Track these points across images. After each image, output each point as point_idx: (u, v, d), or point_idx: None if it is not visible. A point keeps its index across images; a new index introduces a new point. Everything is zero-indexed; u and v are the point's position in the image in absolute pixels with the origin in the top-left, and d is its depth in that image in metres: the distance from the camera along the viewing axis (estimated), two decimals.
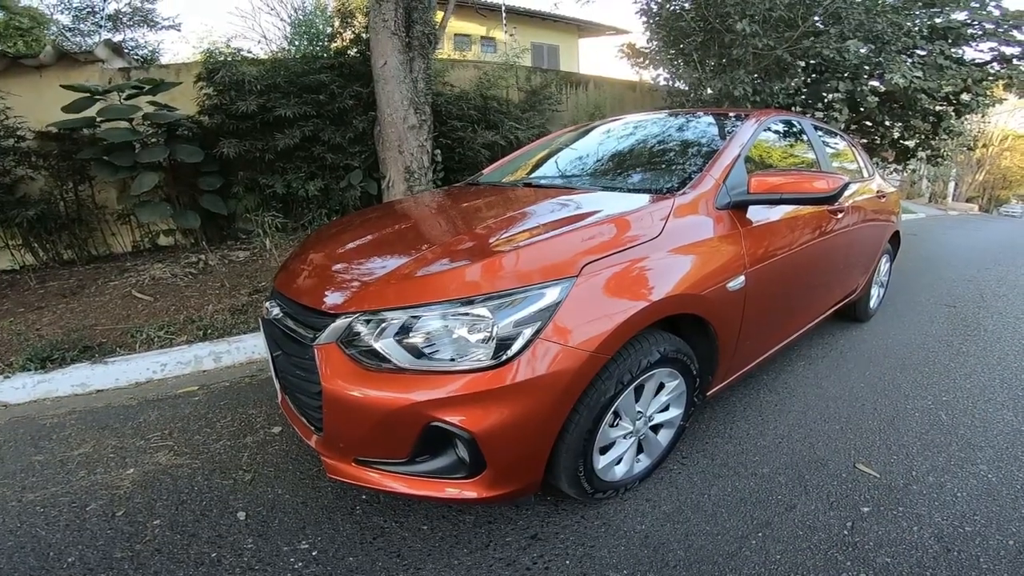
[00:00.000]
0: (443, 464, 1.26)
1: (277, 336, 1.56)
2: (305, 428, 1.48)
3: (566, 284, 1.24)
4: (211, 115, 5.02)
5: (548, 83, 7.33)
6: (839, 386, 2.41)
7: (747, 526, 1.47)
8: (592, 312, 1.26)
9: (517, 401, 1.17)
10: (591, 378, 1.27)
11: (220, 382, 2.53)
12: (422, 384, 1.18)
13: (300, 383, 1.41)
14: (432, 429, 1.19)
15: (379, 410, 1.19)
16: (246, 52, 5.65)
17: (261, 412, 2.17)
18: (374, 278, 1.36)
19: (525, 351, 1.17)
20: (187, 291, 3.62)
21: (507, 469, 1.24)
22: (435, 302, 1.21)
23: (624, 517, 1.50)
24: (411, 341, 1.21)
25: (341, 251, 1.63)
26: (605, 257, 1.33)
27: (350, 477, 1.33)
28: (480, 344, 1.18)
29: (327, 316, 1.32)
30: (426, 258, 1.38)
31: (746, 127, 2.09)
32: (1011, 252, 6.80)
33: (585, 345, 1.22)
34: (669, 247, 1.47)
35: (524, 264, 1.27)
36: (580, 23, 13.11)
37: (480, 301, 1.20)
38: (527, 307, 1.20)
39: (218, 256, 4.42)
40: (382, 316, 1.24)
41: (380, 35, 4.58)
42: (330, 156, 5.14)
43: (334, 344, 1.27)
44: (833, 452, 1.85)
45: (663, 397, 1.57)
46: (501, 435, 1.18)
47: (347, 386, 1.22)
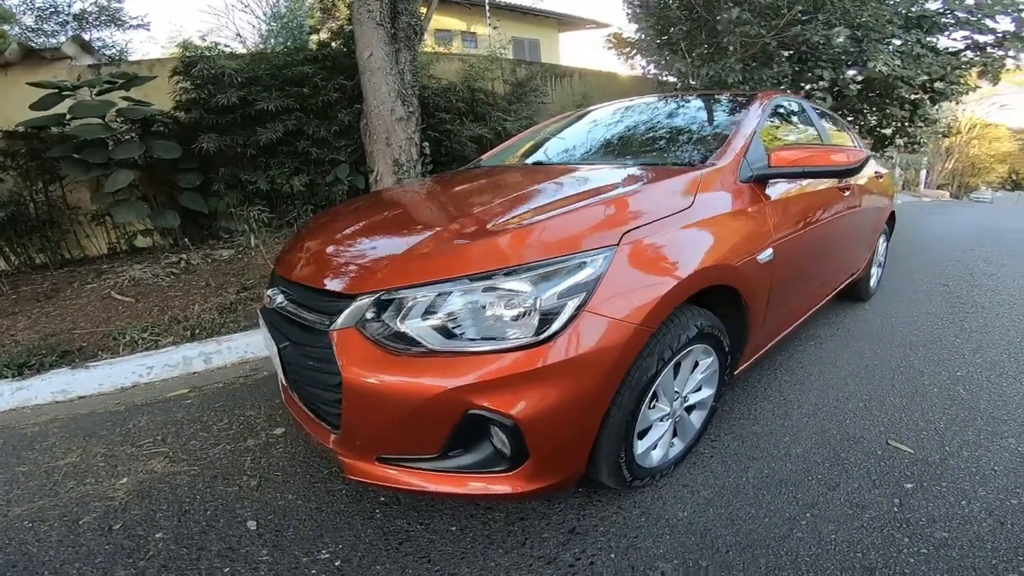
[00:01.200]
0: (479, 457, 1.15)
1: (282, 326, 1.43)
2: (317, 426, 1.36)
3: (607, 253, 1.16)
4: (188, 110, 4.80)
5: (534, 75, 7.25)
6: (853, 364, 2.38)
7: (793, 508, 1.41)
8: (635, 282, 1.17)
9: (563, 381, 1.07)
10: (636, 354, 1.18)
11: (212, 384, 2.38)
12: (457, 368, 1.07)
13: (313, 375, 1.29)
14: (469, 418, 1.09)
15: (408, 400, 1.08)
16: (223, 46, 5.44)
17: (260, 413, 2.03)
18: (396, 254, 1.25)
19: (570, 325, 1.08)
20: (170, 291, 3.43)
21: (550, 459, 1.14)
22: (469, 275, 1.11)
23: (663, 505, 1.42)
24: (442, 320, 1.10)
25: (353, 231, 1.51)
26: (643, 227, 1.25)
27: (372, 477, 1.21)
28: (521, 320, 1.08)
29: (343, 298, 1.20)
30: (452, 231, 1.27)
31: (756, 106, 2.06)
32: (990, 235, 6.97)
33: (631, 317, 1.13)
34: (701, 217, 1.40)
35: (561, 233, 1.18)
36: (560, 17, 13.06)
37: (519, 272, 1.10)
38: (570, 278, 1.11)
39: (200, 255, 4.22)
40: (408, 294, 1.13)
41: (365, 26, 4.43)
42: (315, 150, 4.98)
43: (353, 329, 1.15)
44: (862, 429, 1.81)
45: (698, 376, 1.50)
46: (546, 421, 1.08)
47: (370, 374, 1.11)
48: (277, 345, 1.41)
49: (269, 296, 1.55)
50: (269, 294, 1.56)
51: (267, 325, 1.51)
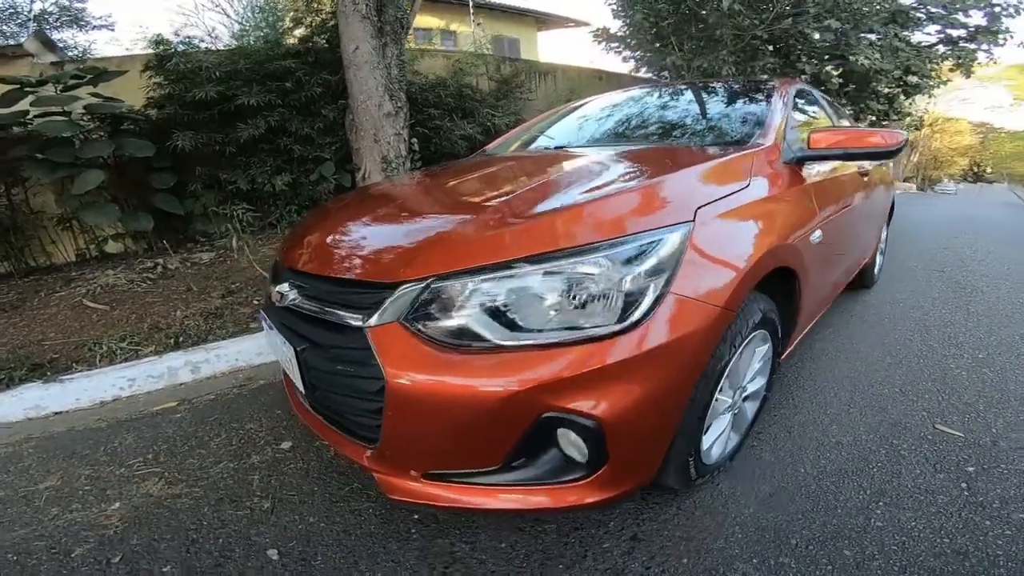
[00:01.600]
0: (548, 467, 1.01)
1: (299, 325, 1.27)
2: (345, 440, 1.20)
3: (684, 229, 1.04)
4: (162, 107, 4.53)
5: (519, 72, 7.16)
6: (877, 350, 2.34)
7: (862, 497, 1.33)
8: (715, 261, 1.06)
9: (648, 373, 0.95)
10: (718, 340, 1.07)
11: (203, 395, 2.18)
12: (528, 365, 0.92)
13: (342, 382, 1.13)
14: (542, 423, 0.95)
15: (469, 405, 0.93)
16: (199, 41, 5.17)
17: (262, 426, 1.85)
18: (447, 232, 1.10)
19: (655, 309, 0.96)
20: (148, 297, 3.18)
21: (629, 462, 1.02)
22: (537, 255, 0.97)
23: (725, 503, 1.32)
24: (507, 309, 0.96)
25: (381, 214, 1.35)
26: (712, 203, 1.15)
27: (420, 497, 1.06)
28: (601, 305, 0.95)
29: (381, 289, 1.05)
30: (511, 209, 1.13)
31: (782, 91, 2.00)
32: (967, 223, 7.21)
33: (715, 298, 1.03)
34: (759, 197, 1.31)
35: (632, 208, 1.06)
36: (539, 15, 13.00)
37: (597, 250, 0.97)
38: (652, 255, 0.99)
39: (178, 259, 3.96)
40: (464, 279, 0.98)
41: (350, 19, 4.26)
42: (298, 148, 4.75)
43: (397, 324, 1.00)
44: (905, 415, 1.75)
45: (755, 364, 1.40)
46: (629, 419, 0.95)
47: (420, 378, 0.96)
48: (295, 348, 1.22)
49: (279, 293, 1.38)
50: (279, 290, 1.38)
51: (277, 326, 1.34)
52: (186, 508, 1.41)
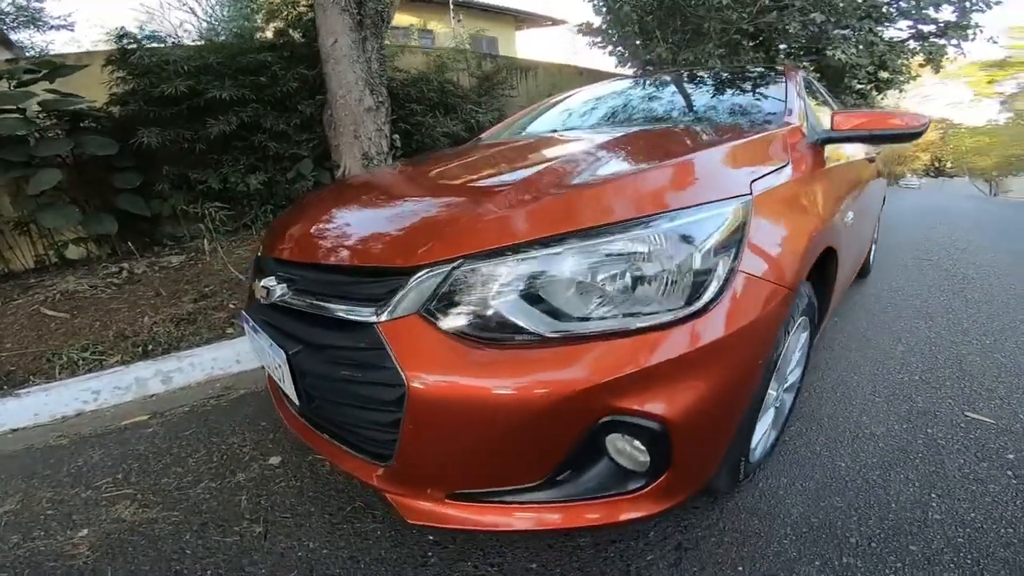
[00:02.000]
0: (597, 480, 0.88)
1: (290, 325, 1.10)
2: (350, 457, 1.04)
3: (744, 201, 0.93)
4: (125, 103, 4.24)
5: (501, 68, 7.05)
6: (886, 337, 2.29)
7: (912, 490, 1.25)
8: (775, 239, 0.96)
9: (720, 362, 0.83)
10: (784, 323, 0.96)
11: (177, 408, 1.98)
12: (587, 358, 0.79)
13: (346, 389, 0.97)
14: (599, 429, 0.82)
15: (513, 411, 0.79)
16: (167, 36, 4.88)
17: (246, 440, 1.67)
18: (480, 208, 0.95)
19: (726, 289, 0.84)
20: (112, 303, 2.94)
21: (690, 468, 0.89)
22: (593, 228, 0.83)
23: (770, 503, 1.21)
24: (556, 292, 0.82)
25: (390, 195, 1.20)
26: (763, 178, 1.04)
27: (445, 521, 0.92)
28: (667, 284, 0.82)
29: (397, 275, 0.89)
30: (548, 181, 0.99)
31: (791, 76, 1.92)
32: (940, 215, 7.40)
33: (781, 278, 0.92)
34: (799, 175, 1.21)
35: (691, 178, 0.94)
36: (518, 14, 12.91)
37: (661, 221, 0.84)
38: (718, 229, 0.87)
39: (145, 263, 3.69)
40: (498, 261, 0.83)
41: (329, 12, 4.08)
42: (273, 145, 4.52)
43: (416, 317, 0.85)
44: (932, 403, 1.69)
45: (797, 352, 1.30)
46: (698, 418, 0.83)
47: (450, 380, 0.81)
48: (285, 352, 1.06)
49: (264, 288, 1.21)
50: (264, 285, 1.21)
51: (262, 327, 1.17)
52: (165, 535, 1.24)
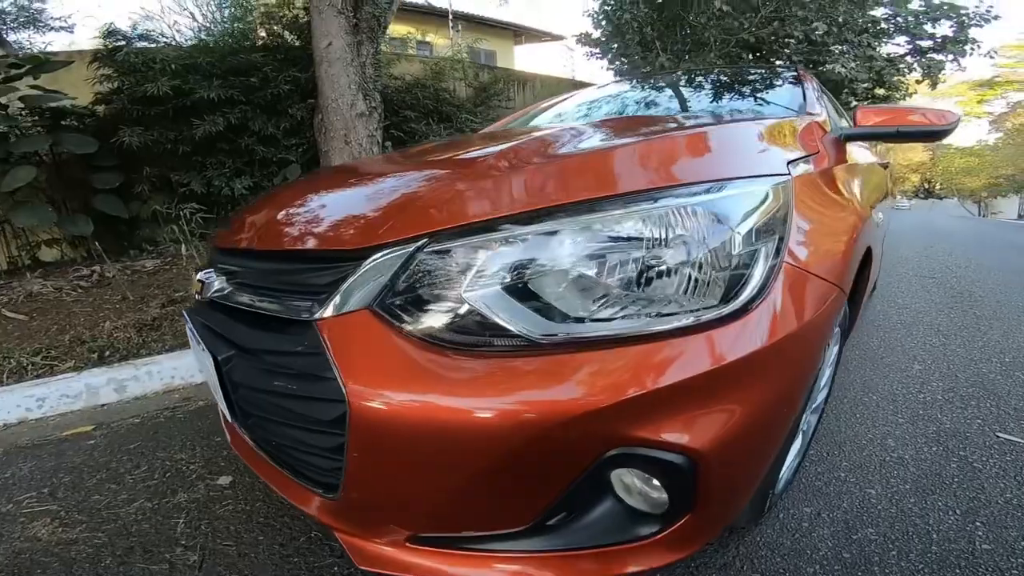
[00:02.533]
0: (599, 525, 0.69)
1: (225, 326, 0.93)
2: (290, 484, 0.85)
3: (784, 181, 0.76)
4: (109, 102, 4.11)
5: (498, 79, 7.02)
6: (901, 355, 2.14)
7: (954, 519, 1.10)
8: (822, 232, 0.81)
9: (763, 380, 0.65)
10: (832, 329, 0.81)
11: (126, 419, 1.79)
12: (592, 372, 0.60)
13: (282, 405, 0.79)
14: (606, 463, 0.64)
15: (494, 442, 0.61)
16: (160, 35, 4.78)
17: (195, 456, 1.49)
18: (451, 181, 0.79)
19: (771, 285, 0.66)
20: (75, 307, 2.75)
21: (715, 508, 0.71)
22: (597, 199, 0.66)
23: (793, 538, 1.04)
24: (548, 283, 0.64)
25: (361, 178, 1.02)
26: (799, 161, 0.89)
27: (403, 569, 0.73)
28: (696, 276, 0.64)
29: (346, 260, 0.72)
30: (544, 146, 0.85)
31: (805, 76, 1.80)
32: (935, 234, 7.37)
33: (831, 274, 0.77)
34: (830, 166, 1.07)
35: (719, 148, 0.79)
36: (517, 28, 13.03)
37: (686, 192, 0.67)
38: (756, 209, 0.70)
39: (118, 267, 3.51)
40: (481, 236, 0.66)
41: (325, 14, 3.99)
42: (261, 149, 4.39)
43: (367, 313, 0.67)
44: (959, 423, 1.54)
45: (828, 369, 1.14)
46: (733, 450, 0.65)
47: (406, 398, 0.63)
48: (214, 356, 0.87)
49: (202, 281, 1.04)
50: (202, 278, 1.05)
51: (199, 330, 0.99)
52: (82, 558, 1.06)
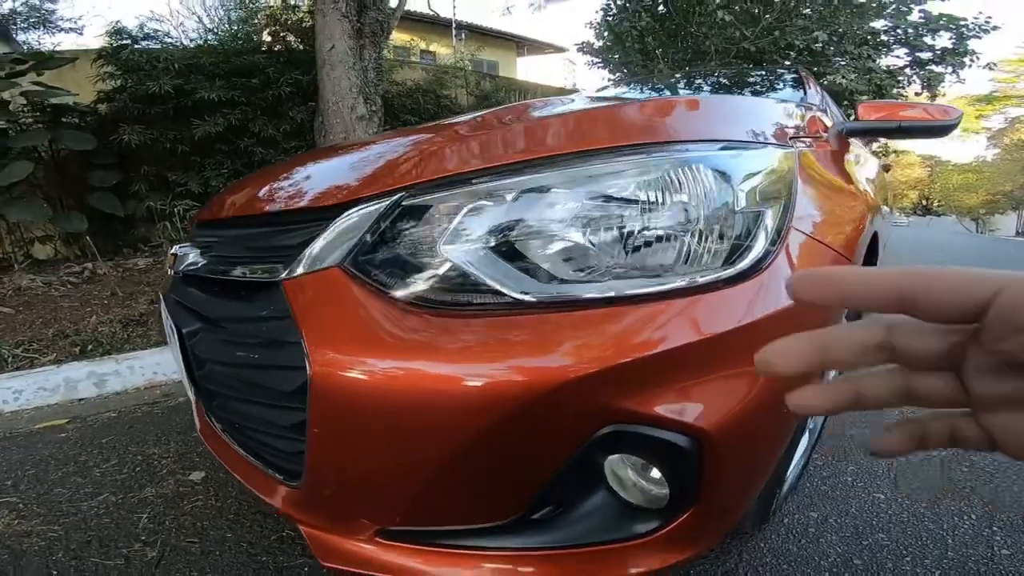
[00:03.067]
0: (590, 520, 0.62)
1: (193, 299, 0.89)
2: (254, 472, 0.79)
3: (789, 151, 0.72)
4: (111, 100, 4.11)
5: (499, 88, 7.06)
6: None
7: (970, 523, 1.04)
8: (828, 208, 0.77)
9: None
10: None
11: (102, 413, 1.72)
12: (584, 335, 0.55)
13: (243, 377, 0.74)
14: (598, 444, 0.57)
15: (474, 414, 0.54)
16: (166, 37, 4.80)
17: (169, 451, 1.42)
18: (433, 139, 0.75)
19: (779, 248, 0.62)
20: (62, 301, 2.70)
21: (721, 503, 0.64)
22: (598, 150, 0.61)
23: (800, 544, 0.97)
24: (536, 240, 0.59)
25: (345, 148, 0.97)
26: (802, 138, 0.85)
27: (370, 567, 0.66)
28: (698, 233, 0.58)
29: (318, 219, 0.67)
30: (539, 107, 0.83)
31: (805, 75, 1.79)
32: (938, 249, 7.46)
33: (847, 250, 0.73)
34: (833, 153, 1.03)
35: (719, 114, 0.74)
36: (520, 40, 13.15)
37: (689, 147, 0.63)
38: (761, 171, 0.65)
39: (110, 265, 3.46)
40: (464, 188, 0.61)
41: (329, 16, 4.01)
42: (260, 150, 4.37)
43: (337, 271, 0.62)
44: None
45: None
46: (741, 431, 0.57)
47: (378, 365, 0.57)
48: (179, 329, 0.83)
49: (173, 255, 1.01)
50: (174, 252, 1.01)
51: (171, 308, 0.95)
52: (34, 551, 0.99)
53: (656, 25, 5.10)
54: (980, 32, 5.56)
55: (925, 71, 6.02)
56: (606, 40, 6.10)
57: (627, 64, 5.67)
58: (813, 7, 4.81)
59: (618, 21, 5.44)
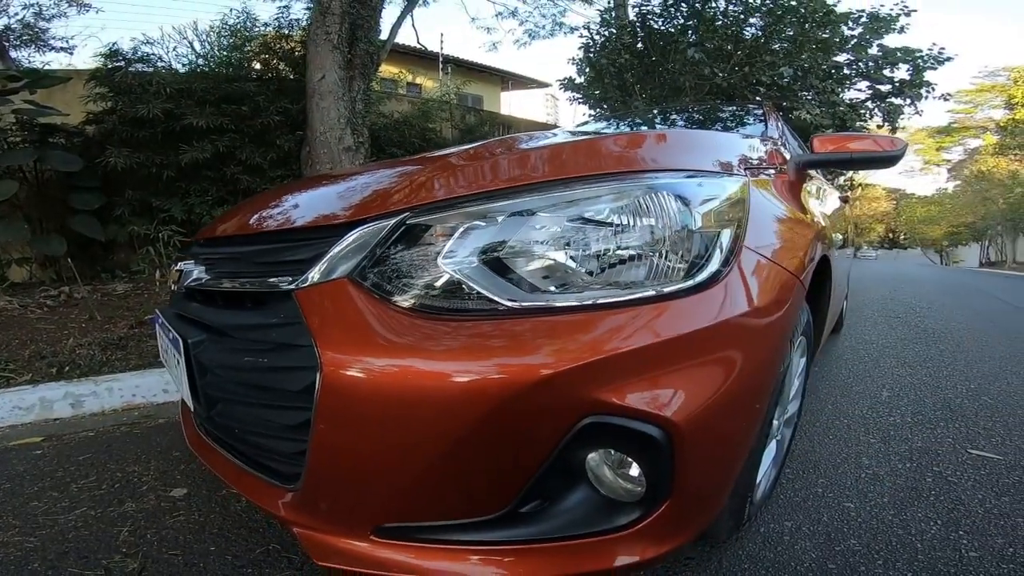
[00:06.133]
0: (574, 513, 0.67)
1: (198, 312, 0.94)
2: (252, 480, 0.83)
3: (743, 180, 0.83)
4: (100, 122, 4.13)
5: (483, 122, 7.31)
6: (869, 384, 2.18)
7: (936, 529, 1.09)
8: (777, 231, 0.87)
9: (731, 351, 0.68)
10: (795, 321, 0.84)
11: (79, 432, 1.70)
12: (563, 334, 0.62)
13: (250, 381, 0.78)
14: (580, 437, 0.63)
15: (467, 404, 0.60)
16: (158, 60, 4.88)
17: (149, 469, 1.40)
18: (438, 164, 0.84)
19: (732, 263, 0.71)
20: (39, 324, 2.65)
21: (695, 496, 0.70)
22: (576, 178, 0.71)
23: (776, 551, 1.01)
24: (524, 256, 0.67)
25: (344, 173, 1.06)
26: (757, 169, 0.97)
27: (366, 564, 0.69)
28: (662, 250, 0.68)
29: (327, 235, 0.74)
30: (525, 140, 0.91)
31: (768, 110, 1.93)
32: (902, 280, 7.77)
33: (791, 265, 0.82)
34: (788, 184, 1.14)
35: (681, 148, 0.84)
36: (504, 75, 13.63)
37: (654, 176, 0.72)
38: (716, 197, 0.75)
39: (88, 289, 3.40)
40: (463, 208, 0.69)
41: (321, 48, 4.13)
42: (246, 178, 4.40)
43: (346, 282, 0.69)
44: (931, 441, 1.56)
45: (796, 380, 1.16)
46: (708, 423, 0.65)
47: (381, 363, 0.63)
48: (184, 341, 0.87)
49: (178, 271, 1.05)
50: (179, 268, 1.06)
51: (171, 322, 0.98)
52: (8, 561, 0.98)
53: (635, 62, 5.40)
54: (935, 63, 5.90)
55: (886, 103, 6.36)
56: (587, 76, 6.41)
57: (606, 99, 5.95)
58: (780, 43, 5.15)
59: (599, 58, 5.73)
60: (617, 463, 0.68)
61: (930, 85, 6.04)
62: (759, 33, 5.40)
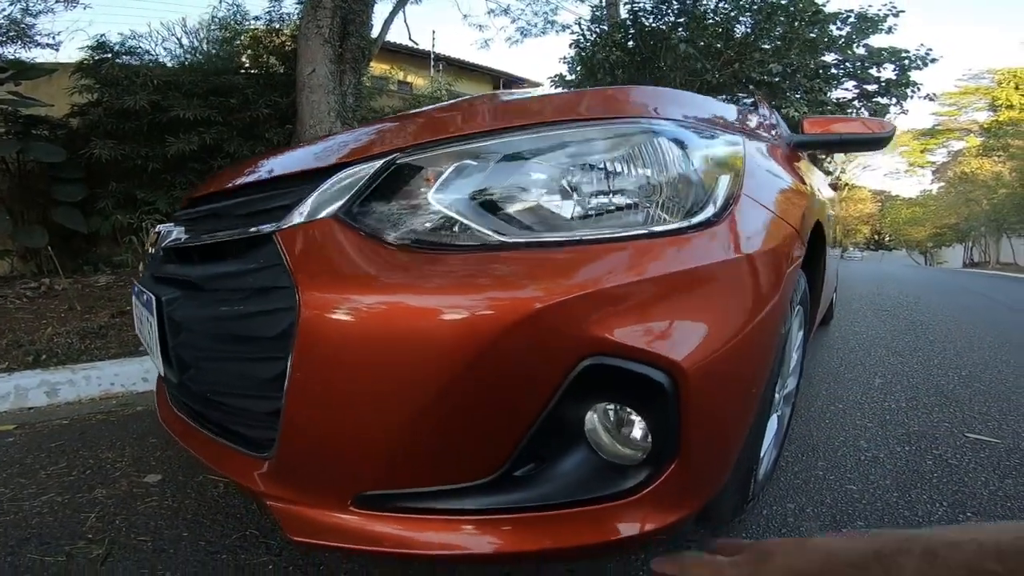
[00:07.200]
0: (571, 477, 0.62)
1: (174, 270, 0.90)
2: (223, 450, 0.78)
3: (737, 139, 0.81)
4: (84, 114, 4.04)
5: None
6: (862, 372, 2.16)
7: (942, 510, 1.08)
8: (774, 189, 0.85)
9: (731, 297, 0.65)
10: (795, 277, 0.81)
11: (52, 420, 1.63)
12: (557, 267, 0.59)
13: (224, 332, 0.74)
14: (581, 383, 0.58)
15: (457, 343, 0.55)
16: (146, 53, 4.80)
17: (123, 455, 1.35)
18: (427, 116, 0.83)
19: (731, 207, 0.69)
20: (18, 314, 2.57)
21: (702, 459, 0.65)
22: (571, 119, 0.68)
23: (780, 533, 0.98)
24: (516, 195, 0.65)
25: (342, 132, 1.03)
26: (754, 136, 0.94)
27: (346, 538, 0.63)
28: (660, 189, 0.65)
29: (313, 178, 0.70)
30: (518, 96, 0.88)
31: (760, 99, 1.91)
32: (887, 278, 7.88)
33: (789, 217, 0.80)
34: (782, 155, 1.12)
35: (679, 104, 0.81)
36: (496, 74, 13.58)
37: (650, 121, 0.70)
38: (713, 146, 0.74)
39: (69, 281, 3.31)
40: (453, 146, 0.66)
41: (311, 41, 4.07)
42: None
43: (331, 220, 0.65)
44: (928, 425, 1.54)
45: (795, 353, 1.13)
46: (716, 370, 0.61)
47: (364, 301, 0.59)
48: (157, 298, 0.83)
49: (159, 232, 1.01)
50: (160, 229, 1.02)
51: (147, 286, 0.94)
52: None
53: (626, 59, 5.40)
54: (921, 64, 5.96)
55: (872, 103, 6.43)
56: (579, 74, 6.40)
57: None
58: (770, 41, 5.18)
59: (591, 54, 5.73)
60: (618, 423, 0.63)
61: (916, 85, 6.10)
62: (749, 31, 5.43)
